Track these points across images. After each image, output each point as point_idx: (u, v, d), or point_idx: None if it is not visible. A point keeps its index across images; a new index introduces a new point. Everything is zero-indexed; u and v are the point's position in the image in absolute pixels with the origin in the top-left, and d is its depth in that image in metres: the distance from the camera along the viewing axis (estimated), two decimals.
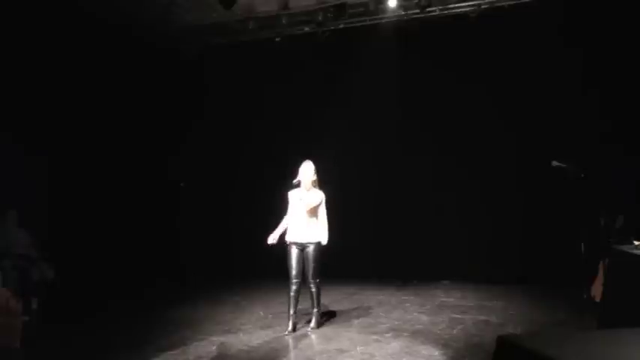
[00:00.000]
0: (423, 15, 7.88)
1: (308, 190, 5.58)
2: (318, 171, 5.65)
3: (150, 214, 8.68)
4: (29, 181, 6.82)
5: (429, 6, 7.79)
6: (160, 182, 9.08)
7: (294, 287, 5.49)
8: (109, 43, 7.97)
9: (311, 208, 5.53)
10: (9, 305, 4.45)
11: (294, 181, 5.58)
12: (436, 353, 4.68)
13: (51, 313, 6.30)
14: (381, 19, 8.27)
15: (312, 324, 5.60)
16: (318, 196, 5.60)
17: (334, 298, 7.07)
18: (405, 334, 5.32)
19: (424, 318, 5.95)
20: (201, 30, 8.89)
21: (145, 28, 8.39)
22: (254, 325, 5.80)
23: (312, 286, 5.56)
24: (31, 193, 6.85)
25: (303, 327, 5.62)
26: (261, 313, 6.39)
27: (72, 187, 7.54)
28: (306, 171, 5.58)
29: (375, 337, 5.24)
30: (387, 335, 5.28)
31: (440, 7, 7.91)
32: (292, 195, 5.64)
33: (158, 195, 8.97)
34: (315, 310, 5.64)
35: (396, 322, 5.78)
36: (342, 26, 8.42)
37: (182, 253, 9.04)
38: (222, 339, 5.26)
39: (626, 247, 4.48)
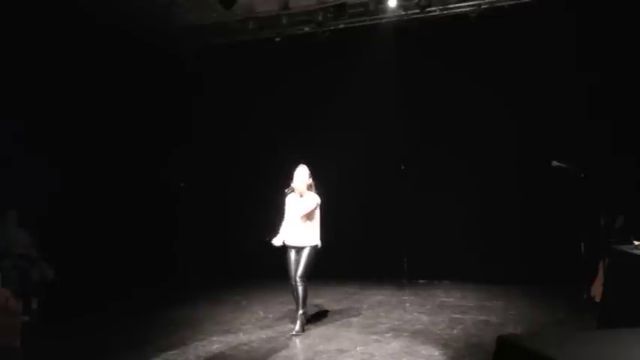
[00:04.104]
0: (423, 15, 7.87)
1: (302, 195, 5.58)
2: (313, 174, 5.63)
3: (150, 214, 8.67)
4: (29, 181, 6.81)
5: (429, 6, 7.79)
6: (161, 182, 9.07)
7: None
8: (108, 43, 7.96)
9: (306, 213, 5.53)
10: (9, 305, 4.44)
11: (287, 189, 5.56)
12: (436, 353, 4.68)
13: (51, 313, 6.30)
14: (381, 19, 8.26)
15: (297, 327, 5.41)
16: (313, 201, 5.57)
17: (334, 298, 7.07)
18: (405, 334, 5.32)
19: (424, 318, 5.95)
20: (201, 30, 8.88)
21: (145, 28, 8.38)
22: (254, 325, 5.80)
23: (298, 283, 5.44)
24: (31, 193, 6.84)
25: (290, 330, 5.48)
26: (261, 313, 6.39)
27: (72, 186, 7.53)
28: (300, 176, 5.56)
29: (375, 337, 5.24)
30: (387, 335, 5.28)
31: (440, 7, 7.91)
32: (288, 199, 5.67)
33: (158, 195, 8.96)
34: (300, 312, 5.47)
35: (396, 322, 5.78)
36: (342, 26, 8.41)
37: (182, 252, 9.04)
38: (222, 339, 5.26)
39: (626, 247, 4.48)
